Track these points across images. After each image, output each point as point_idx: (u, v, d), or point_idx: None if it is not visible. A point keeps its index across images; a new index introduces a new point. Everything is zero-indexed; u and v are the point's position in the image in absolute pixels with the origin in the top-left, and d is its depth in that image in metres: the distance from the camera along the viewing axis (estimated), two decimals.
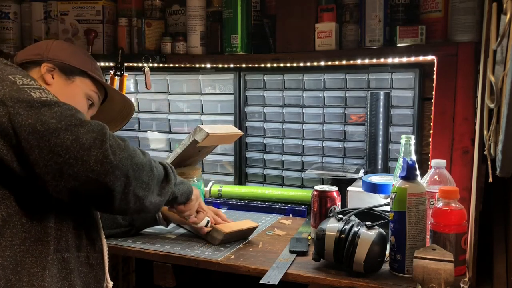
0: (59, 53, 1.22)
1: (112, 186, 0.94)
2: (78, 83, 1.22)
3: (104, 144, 0.93)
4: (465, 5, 1.41)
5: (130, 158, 0.97)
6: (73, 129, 0.92)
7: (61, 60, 1.21)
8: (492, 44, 0.95)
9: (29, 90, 0.95)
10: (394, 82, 1.70)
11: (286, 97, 1.89)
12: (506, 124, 0.84)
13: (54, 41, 1.26)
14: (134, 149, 1.00)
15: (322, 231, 1.21)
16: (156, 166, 1.07)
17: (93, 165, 0.91)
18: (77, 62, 1.23)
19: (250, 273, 1.24)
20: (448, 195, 1.17)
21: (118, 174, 0.94)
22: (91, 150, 0.91)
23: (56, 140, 0.90)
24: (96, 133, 0.93)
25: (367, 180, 1.53)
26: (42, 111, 0.92)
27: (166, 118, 2.09)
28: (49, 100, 0.95)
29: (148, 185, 1.02)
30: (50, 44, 1.24)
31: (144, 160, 1.01)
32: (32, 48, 1.26)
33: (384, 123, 1.71)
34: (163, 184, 1.10)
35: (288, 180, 1.93)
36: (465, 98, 1.42)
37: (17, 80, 0.96)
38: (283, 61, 1.72)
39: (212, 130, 1.56)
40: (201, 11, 1.83)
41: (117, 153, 0.94)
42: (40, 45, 1.25)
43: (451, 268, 1.01)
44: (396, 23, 1.55)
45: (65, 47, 1.26)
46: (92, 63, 1.28)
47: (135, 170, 0.98)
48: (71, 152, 0.90)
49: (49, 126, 0.91)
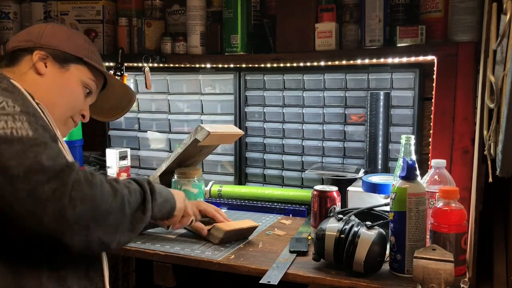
0: (52, 39, 1.14)
1: (69, 241, 0.85)
2: (73, 71, 1.15)
3: (63, 197, 0.81)
4: (465, 5, 1.41)
5: (93, 209, 0.86)
6: (32, 177, 0.80)
7: (55, 46, 1.13)
8: (492, 44, 0.95)
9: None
10: (394, 82, 1.70)
11: (286, 97, 1.89)
12: (506, 124, 0.84)
13: (48, 25, 1.18)
14: (101, 193, 0.88)
15: (322, 231, 1.21)
16: (130, 199, 0.95)
17: (47, 222, 0.81)
18: (72, 48, 1.15)
19: (250, 273, 1.24)
20: (448, 195, 1.17)
21: (77, 229, 0.84)
22: (47, 204, 0.80)
23: (11, 189, 0.80)
24: (58, 182, 0.82)
25: (367, 180, 1.53)
26: (1, 149, 0.81)
27: (166, 118, 2.09)
28: (12, 135, 0.83)
29: (116, 228, 0.91)
30: (43, 29, 1.15)
31: (113, 204, 0.90)
32: (24, 34, 1.17)
33: (384, 123, 1.71)
34: (136, 217, 0.97)
35: (288, 180, 1.93)
36: (465, 98, 1.42)
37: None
38: (283, 61, 1.72)
39: (213, 129, 1.56)
40: (201, 11, 1.83)
41: (78, 206, 0.83)
42: (33, 30, 1.16)
43: (451, 268, 1.01)
44: (396, 23, 1.55)
45: (59, 32, 1.17)
46: (89, 48, 1.20)
47: (99, 219, 0.87)
48: (25, 205, 0.80)
49: (6, 170, 0.80)
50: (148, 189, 1.02)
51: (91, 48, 1.21)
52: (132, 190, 0.98)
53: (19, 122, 0.86)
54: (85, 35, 1.27)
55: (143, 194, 1.00)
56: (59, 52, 1.13)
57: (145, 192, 1.01)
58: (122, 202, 0.92)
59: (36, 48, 1.12)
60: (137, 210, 0.97)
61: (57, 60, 1.13)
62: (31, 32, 1.15)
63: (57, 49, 1.13)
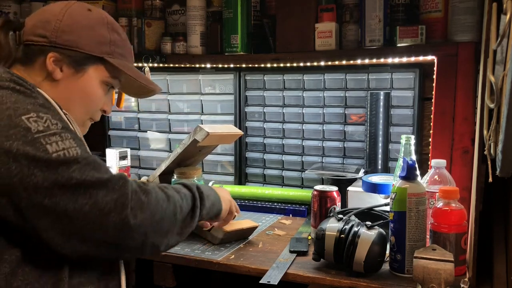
0: (69, 35, 1.01)
1: (127, 248, 0.88)
2: (91, 73, 1.05)
3: (125, 209, 0.85)
4: (465, 5, 1.42)
5: (151, 216, 0.89)
6: (92, 192, 0.83)
7: (72, 46, 1.01)
8: (492, 44, 0.95)
9: (45, 141, 0.83)
10: (394, 82, 1.70)
11: (286, 97, 1.89)
12: (506, 124, 0.84)
13: (67, 11, 1.02)
14: (156, 201, 0.91)
15: (322, 231, 1.21)
16: (182, 205, 0.99)
17: (111, 232, 0.84)
18: (91, 45, 1.03)
19: (250, 273, 1.24)
20: (448, 195, 1.17)
21: (136, 236, 0.87)
22: (110, 215, 0.83)
23: (74, 205, 0.82)
24: (117, 193, 0.85)
25: (367, 180, 1.53)
26: (59, 171, 0.82)
27: (166, 118, 2.09)
28: (67, 157, 0.84)
29: (167, 232, 0.95)
30: (61, 19, 1.01)
31: (167, 210, 0.94)
32: (40, 22, 1.02)
33: (384, 123, 1.71)
34: (186, 222, 1.01)
35: (288, 180, 1.93)
36: (465, 98, 1.42)
37: (32, 124, 0.84)
38: (283, 61, 1.72)
39: (212, 130, 1.56)
40: (201, 11, 1.83)
41: (138, 215, 0.86)
42: (50, 19, 1.01)
43: (451, 268, 1.01)
44: (396, 23, 1.55)
45: (78, 23, 1.02)
46: (112, 39, 1.06)
47: (155, 225, 0.91)
48: (88, 218, 0.83)
49: (67, 190, 0.82)
50: (197, 195, 1.06)
51: (114, 37, 1.07)
52: (183, 196, 1.01)
53: (66, 141, 0.86)
54: (108, 18, 1.08)
55: (193, 200, 1.04)
56: (77, 53, 1.02)
57: (195, 199, 1.04)
58: (175, 208, 0.96)
59: (51, 48, 1.00)
60: (187, 216, 1.01)
61: (72, 63, 1.02)
62: (48, 21, 1.01)
63: (74, 49, 1.01)
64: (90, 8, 1.06)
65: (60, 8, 1.03)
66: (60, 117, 0.93)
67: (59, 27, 1.00)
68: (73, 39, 1.01)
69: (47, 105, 0.92)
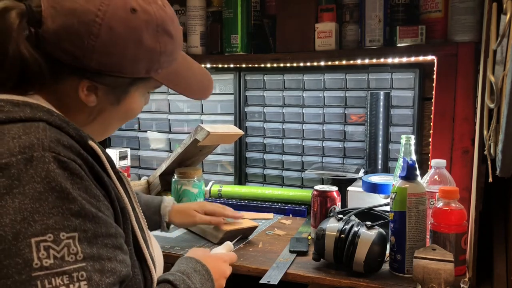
0: (108, 57, 0.75)
1: None
2: (133, 94, 0.84)
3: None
4: (465, 5, 1.41)
5: None
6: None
7: (111, 71, 0.77)
8: (492, 44, 0.95)
9: (42, 285, 0.60)
10: (394, 82, 1.70)
11: (286, 97, 1.89)
12: (506, 124, 0.84)
13: (103, 23, 0.73)
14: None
15: (322, 231, 1.21)
16: None
17: None
18: (137, 66, 0.78)
19: (250, 273, 1.24)
20: (448, 195, 1.17)
21: None
22: None
23: None
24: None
25: (367, 180, 1.53)
26: None
27: (166, 118, 2.09)
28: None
29: None
30: (95, 36, 0.73)
31: None
32: (65, 32, 0.73)
33: (384, 123, 1.71)
34: None
35: (288, 180, 1.93)
36: (465, 98, 1.42)
37: (37, 254, 0.61)
38: (283, 61, 1.72)
39: (213, 129, 1.56)
40: (201, 11, 1.83)
41: None
42: (80, 32, 0.73)
43: (451, 268, 1.01)
44: (396, 23, 1.55)
45: (119, 39, 0.75)
46: (162, 51, 0.81)
47: None
48: None
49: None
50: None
51: (165, 43, 0.82)
52: None
53: (77, 283, 0.63)
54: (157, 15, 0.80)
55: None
56: (117, 78, 0.78)
57: None
58: None
59: (84, 73, 0.76)
60: None
61: (112, 91, 0.80)
62: (78, 35, 0.72)
63: (114, 75, 0.77)
64: (134, 6, 0.76)
65: (94, 9, 0.73)
66: (97, 221, 0.67)
67: (94, 46, 0.74)
68: (113, 62, 0.76)
69: (86, 208, 0.66)
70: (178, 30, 0.88)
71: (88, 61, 0.74)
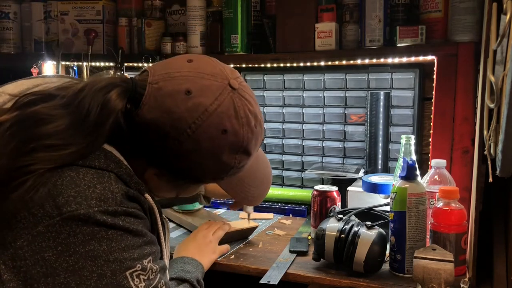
0: (185, 162, 0.81)
1: None
2: (189, 189, 0.93)
3: None
4: (465, 5, 1.41)
5: None
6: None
7: (182, 175, 0.84)
8: (492, 44, 0.95)
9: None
10: (394, 82, 1.70)
11: (286, 97, 1.89)
12: (506, 124, 0.84)
13: (197, 131, 0.77)
14: None
15: (322, 231, 1.21)
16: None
17: None
18: (206, 175, 0.85)
19: (250, 273, 1.24)
20: (448, 195, 1.17)
21: None
22: None
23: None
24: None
25: (367, 180, 1.53)
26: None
27: None
28: None
29: None
30: (180, 142, 0.77)
31: None
32: (158, 128, 0.77)
33: (384, 123, 1.71)
34: None
35: (288, 180, 1.93)
36: (465, 98, 1.41)
37: (134, 282, 0.74)
38: (283, 61, 1.72)
39: None
40: (201, 11, 1.83)
41: None
42: (169, 134, 0.77)
43: (451, 268, 1.01)
44: (396, 23, 1.55)
45: (202, 150, 0.79)
46: (235, 166, 0.84)
47: None
48: None
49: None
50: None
51: (239, 163, 0.84)
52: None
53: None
54: (244, 134, 0.82)
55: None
56: (185, 180, 0.86)
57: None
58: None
59: (155, 163, 0.82)
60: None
61: (172, 183, 0.87)
62: (166, 135, 0.77)
63: (183, 178, 0.85)
64: (227, 128, 0.79)
65: (190, 120, 0.77)
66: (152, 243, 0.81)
67: (175, 150, 0.78)
68: (186, 167, 0.81)
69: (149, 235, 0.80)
70: (257, 147, 0.89)
71: (164, 158, 0.80)
